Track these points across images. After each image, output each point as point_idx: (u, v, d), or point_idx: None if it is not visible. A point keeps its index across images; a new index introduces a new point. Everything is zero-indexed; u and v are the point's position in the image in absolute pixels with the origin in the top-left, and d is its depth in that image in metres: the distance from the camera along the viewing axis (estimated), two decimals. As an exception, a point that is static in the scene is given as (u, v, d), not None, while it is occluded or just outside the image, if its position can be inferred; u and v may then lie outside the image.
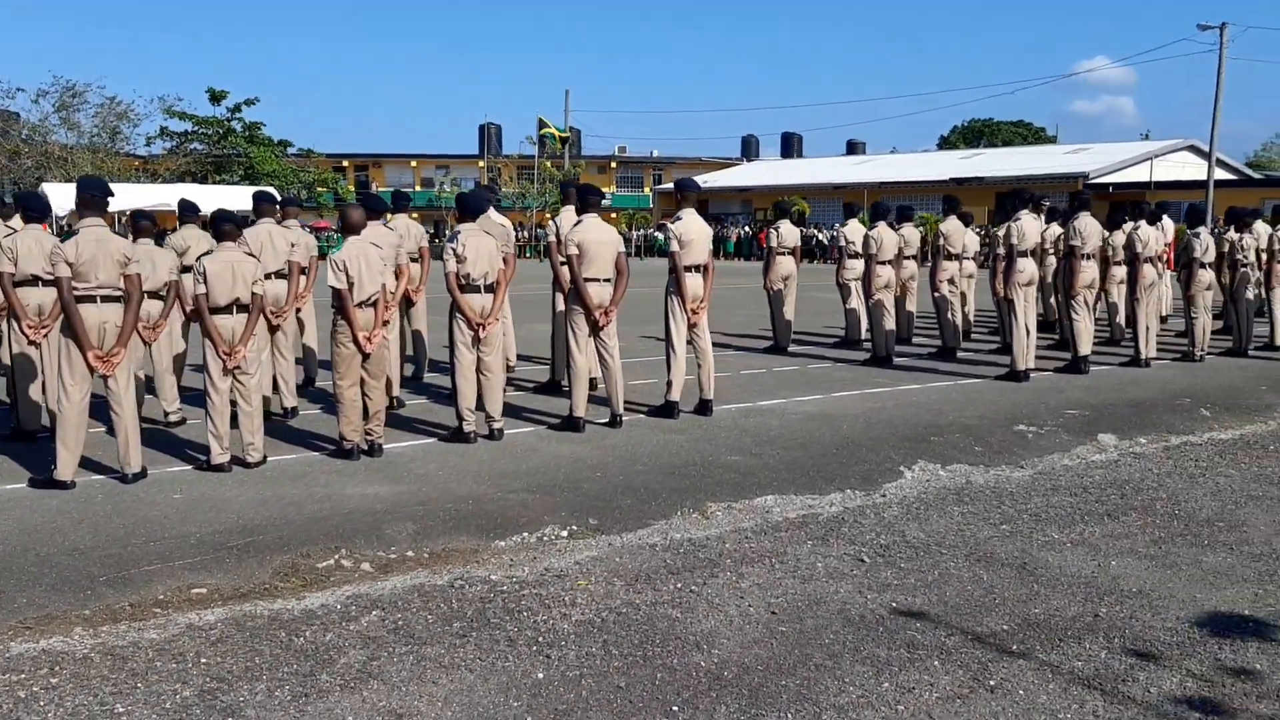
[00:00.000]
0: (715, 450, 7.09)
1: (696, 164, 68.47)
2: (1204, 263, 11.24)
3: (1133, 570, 5.14)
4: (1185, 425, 8.47)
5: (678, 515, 5.89)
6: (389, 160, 67.82)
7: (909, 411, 8.49)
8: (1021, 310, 9.91)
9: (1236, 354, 11.91)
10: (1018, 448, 7.58)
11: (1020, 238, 9.87)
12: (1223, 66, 35.38)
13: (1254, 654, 4.15)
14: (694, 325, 7.97)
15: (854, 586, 4.87)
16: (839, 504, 6.23)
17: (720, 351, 12.43)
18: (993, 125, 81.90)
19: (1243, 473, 7.09)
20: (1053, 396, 9.21)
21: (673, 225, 7.82)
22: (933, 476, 6.87)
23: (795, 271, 12.14)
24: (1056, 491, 6.60)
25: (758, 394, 9.24)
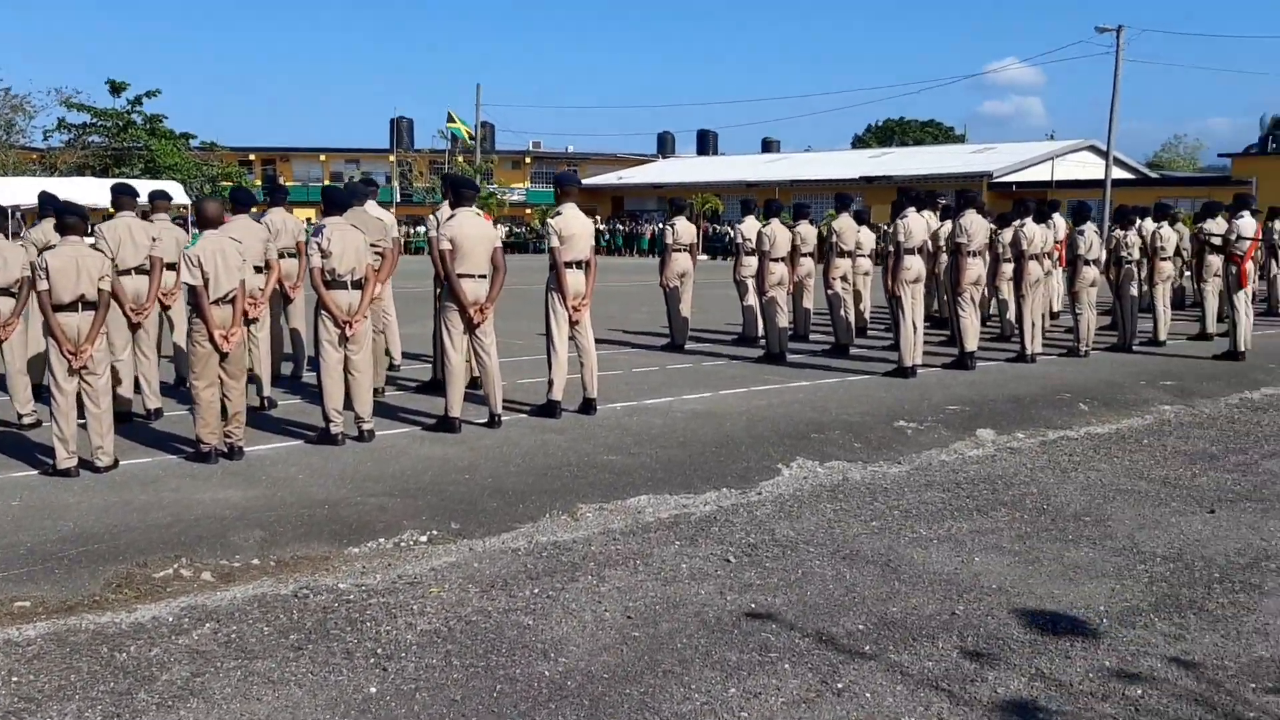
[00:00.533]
0: (593, 450, 6.95)
1: (612, 160, 68.35)
2: (1089, 259, 11.43)
3: (995, 567, 5.12)
4: (1064, 420, 8.57)
5: (546, 518, 5.74)
6: (297, 154, 66.44)
7: (794, 409, 8.45)
8: (909, 307, 9.95)
9: (1121, 349, 12.14)
10: (897, 444, 7.58)
11: (907, 235, 9.91)
12: (1119, 68, 36.33)
13: (1104, 652, 4.15)
14: (576, 323, 7.82)
15: (716, 588, 4.77)
16: (713, 503, 6.13)
17: (617, 349, 12.34)
18: (904, 124, 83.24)
19: (1114, 467, 7.17)
20: (937, 392, 9.26)
21: (553, 220, 7.66)
22: (810, 474, 6.82)
23: (692, 269, 12.07)
24: (930, 487, 6.59)
25: (646, 392, 9.13)
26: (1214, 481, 6.81)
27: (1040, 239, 11.24)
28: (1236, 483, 6.79)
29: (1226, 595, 4.77)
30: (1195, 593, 4.80)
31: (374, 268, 7.94)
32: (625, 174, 62.85)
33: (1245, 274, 11.32)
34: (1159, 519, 5.96)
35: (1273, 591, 4.81)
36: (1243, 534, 5.69)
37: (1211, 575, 5.03)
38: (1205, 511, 6.12)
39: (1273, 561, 5.24)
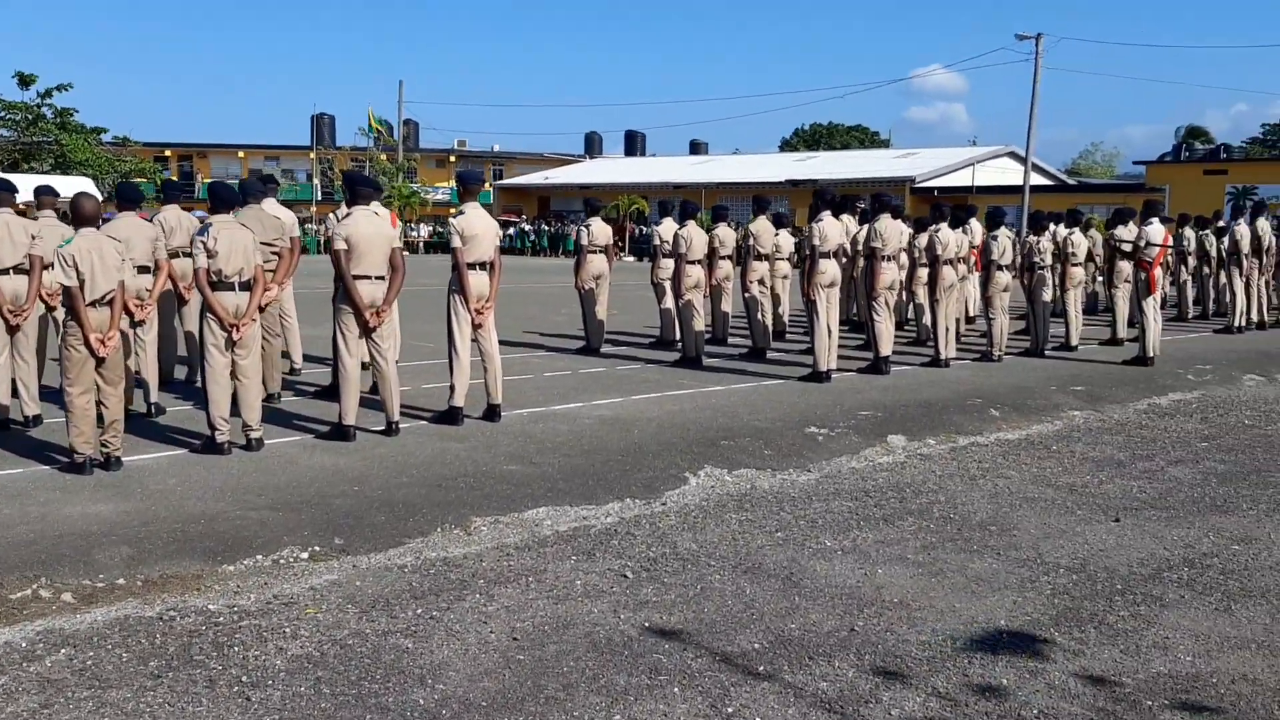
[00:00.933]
0: (493, 459, 6.72)
1: (538, 160, 67.92)
2: (1002, 265, 11.48)
3: (899, 579, 5.01)
4: (974, 426, 8.55)
5: (437, 532, 5.50)
6: (214, 150, 64.94)
7: (705, 414, 8.31)
8: (823, 311, 9.88)
9: (1034, 354, 12.22)
10: (808, 451, 7.47)
11: (822, 239, 9.84)
12: (1038, 75, 37.00)
13: (1002, 669, 4.04)
14: (479, 326, 7.57)
15: (610, 605, 4.58)
16: (615, 514, 5.95)
17: (531, 352, 12.11)
18: (832, 129, 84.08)
19: (1022, 474, 7.14)
20: (850, 398, 9.19)
21: (455, 220, 7.42)
22: (717, 482, 6.67)
23: (607, 270, 11.89)
24: (838, 496, 6.48)
25: (555, 397, 8.92)
26: (1120, 489, 6.81)
27: (955, 244, 11.26)
28: (1142, 490, 6.79)
29: (1128, 608, 4.71)
30: (1097, 605, 4.73)
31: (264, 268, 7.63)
32: (551, 174, 62.46)
33: (1154, 280, 11.46)
34: (1064, 528, 5.91)
35: (1173, 604, 4.76)
36: (1146, 543, 5.66)
37: (1114, 587, 4.97)
38: (1110, 520, 6.09)
39: (1175, 572, 5.20)
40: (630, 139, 75.67)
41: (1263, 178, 38.62)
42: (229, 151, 64.89)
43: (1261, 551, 5.55)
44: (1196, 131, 70.59)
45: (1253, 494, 6.72)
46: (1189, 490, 6.79)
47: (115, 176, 49.33)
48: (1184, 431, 8.69)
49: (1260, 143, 69.86)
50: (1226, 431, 8.75)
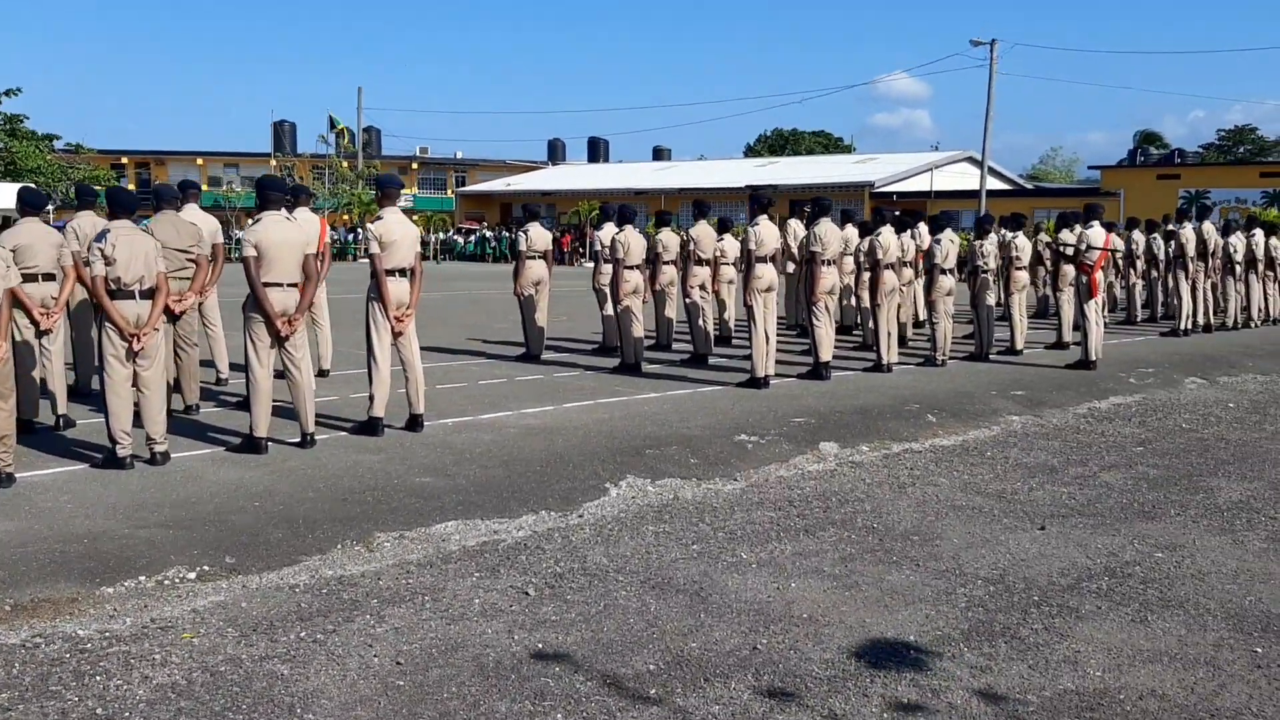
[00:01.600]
0: (406, 471, 6.51)
1: (501, 166, 67.60)
2: (945, 268, 11.40)
3: (811, 592, 4.86)
4: (910, 432, 8.43)
5: (337, 549, 5.29)
6: (173, 157, 64.10)
7: (636, 422, 8.13)
8: (760, 317, 9.74)
9: (978, 359, 12.15)
10: (736, 459, 7.31)
11: (758, 243, 9.70)
12: (993, 81, 37.18)
13: (905, 687, 3.89)
14: (399, 334, 7.36)
15: (505, 626, 4.39)
16: (528, 528, 5.76)
17: (469, 360, 11.89)
18: (795, 135, 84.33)
19: (952, 481, 7.02)
20: (786, 404, 9.04)
21: (372, 226, 7.20)
22: (639, 493, 6.50)
23: (547, 276, 11.69)
24: (761, 506, 6.33)
25: (485, 406, 8.71)
26: (1050, 495, 6.70)
27: (896, 248, 11.16)
28: (1071, 496, 6.68)
29: (1042, 620, 4.58)
30: (1011, 618, 4.60)
31: (179, 275, 7.40)
32: (513, 180, 62.14)
33: (1095, 283, 11.41)
34: (988, 537, 5.79)
35: (1089, 615, 4.64)
36: (1069, 552, 5.54)
37: (1030, 598, 4.84)
38: (1036, 528, 5.97)
39: (1094, 581, 5.08)
40: (593, 146, 75.47)
41: (1215, 182, 39.00)
42: (187, 158, 64.10)
43: (1185, 559, 5.45)
44: (1151, 137, 71.36)
45: (1182, 499, 6.63)
46: (1119, 496, 6.70)
47: (67, 184, 48.65)
48: (1121, 436, 8.62)
49: (1216, 148, 70.82)
50: (1163, 435, 8.69)
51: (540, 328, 11.62)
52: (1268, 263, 17.52)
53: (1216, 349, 13.90)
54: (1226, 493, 6.82)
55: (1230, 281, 16.60)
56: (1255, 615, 4.65)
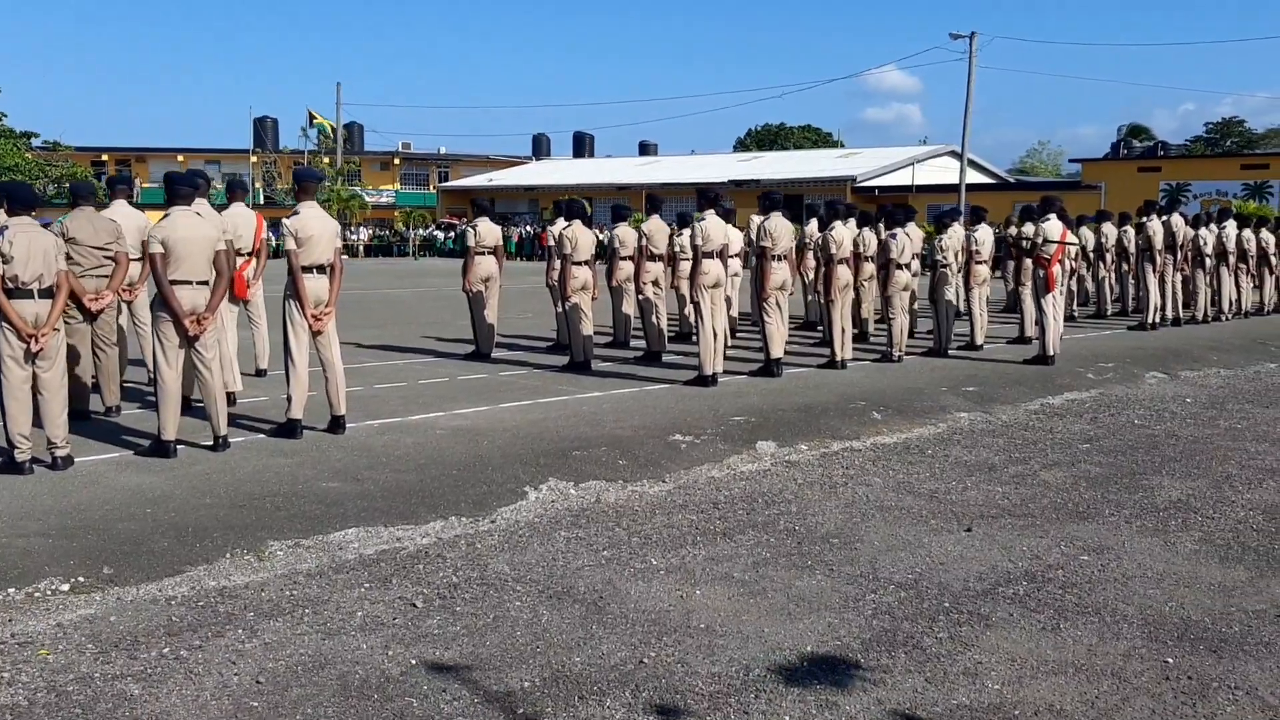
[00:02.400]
0: (316, 476, 6.30)
1: (484, 162, 67.29)
2: (901, 263, 11.21)
3: (715, 600, 4.67)
4: (853, 430, 8.24)
5: (226, 558, 5.08)
6: (153, 154, 63.68)
7: (570, 423, 7.92)
8: (708, 313, 9.54)
9: (937, 354, 11.97)
10: (667, 460, 7.12)
11: (704, 239, 9.50)
12: (972, 74, 37.04)
13: (790, 703, 3.70)
14: (318, 333, 7.14)
15: (383, 640, 4.19)
16: (433, 535, 5.56)
17: (417, 358, 11.67)
18: (784, 130, 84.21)
19: (887, 481, 6.83)
20: (730, 402, 8.85)
21: (288, 221, 6.98)
22: (559, 496, 6.30)
23: (497, 272, 11.48)
24: (685, 509, 6.13)
25: (418, 407, 8.49)
26: (984, 495, 6.52)
27: (850, 242, 10.97)
28: (1006, 496, 6.51)
29: (949, 628, 4.40)
30: (917, 626, 4.41)
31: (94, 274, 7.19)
32: (496, 176, 61.87)
33: (1053, 277, 11.24)
34: (911, 539, 5.60)
35: (999, 623, 4.45)
36: (991, 555, 5.37)
37: (941, 605, 4.66)
38: (962, 530, 5.79)
39: (1012, 586, 4.90)
40: (578, 140, 75.16)
41: (1196, 174, 38.93)
42: (168, 155, 63.64)
43: (1110, 562, 5.27)
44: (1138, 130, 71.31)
45: (1119, 498, 6.46)
46: (1055, 495, 6.52)
47: (46, 182, 48.30)
48: (1069, 433, 8.45)
49: (1203, 140, 70.80)
50: (1113, 432, 8.52)
51: (490, 325, 11.41)
52: (1239, 255, 17.38)
53: (1183, 343, 13.74)
54: (1167, 491, 6.65)
55: (1200, 274, 16.46)
56: (1173, 623, 4.47)
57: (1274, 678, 3.95)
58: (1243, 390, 10.76)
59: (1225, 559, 5.34)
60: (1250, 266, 17.75)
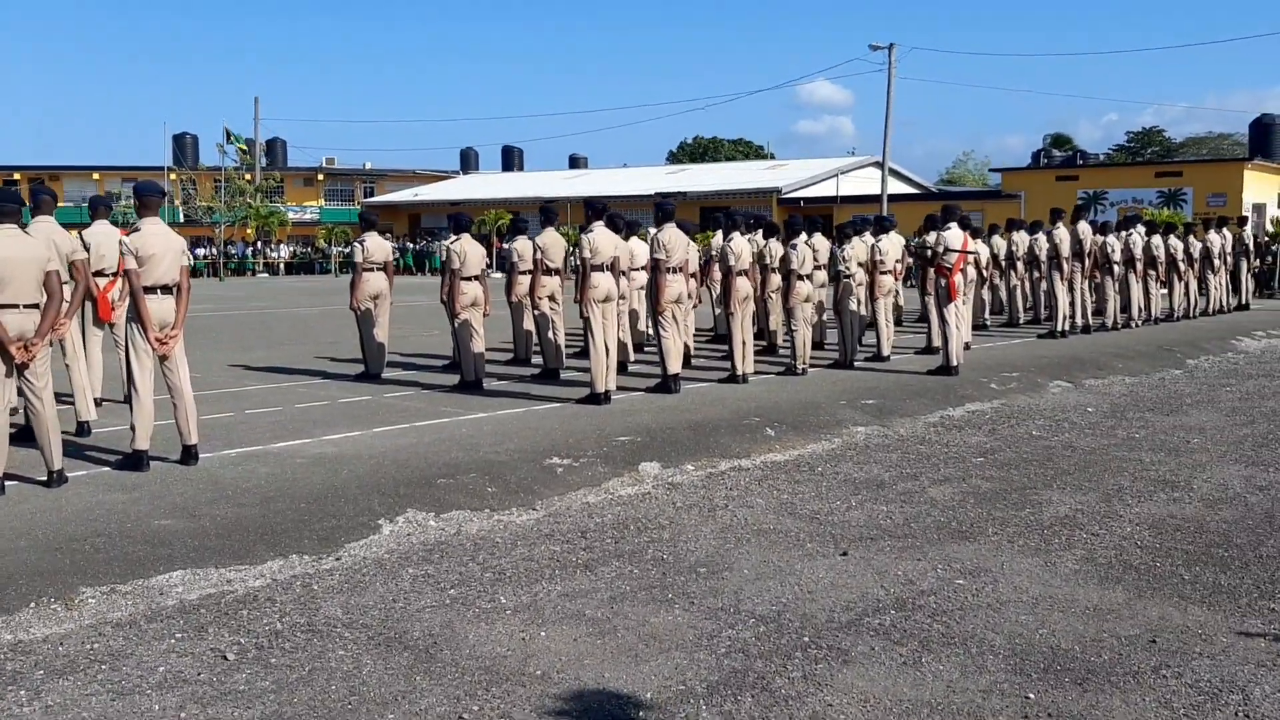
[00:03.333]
0: (150, 513, 5.84)
1: (411, 177, 66.52)
2: (802, 274, 10.99)
3: (560, 643, 4.33)
4: (743, 448, 7.96)
5: (30, 608, 4.63)
6: (68, 172, 62.03)
7: (443, 447, 7.53)
8: (599, 328, 9.22)
9: (842, 366, 11.78)
10: (540, 486, 6.77)
11: (593, 251, 9.19)
12: (892, 85, 37.30)
13: (614, 760, 3.37)
14: (164, 359, 6.69)
15: (179, 700, 3.79)
16: (268, 576, 5.15)
17: (303, 380, 11.18)
18: (716, 142, 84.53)
19: (769, 502, 6.56)
20: (619, 421, 8.53)
21: (128, 239, 6.53)
22: (416, 529, 5.92)
23: (387, 289, 11.06)
24: (550, 539, 5.79)
25: (286, 433, 8.04)
26: (867, 515, 6.27)
27: (749, 254, 10.73)
28: (890, 515, 6.26)
29: (805, 666, 4.10)
30: (770, 665, 4.11)
31: None
32: (422, 191, 61.20)
33: (954, 286, 11.10)
34: (782, 566, 5.32)
35: (858, 658, 4.17)
36: (864, 581, 5.09)
37: (801, 640, 4.37)
38: (838, 554, 5.52)
39: (879, 616, 4.63)
40: (507, 154, 74.64)
41: (1113, 182, 39.58)
42: (83, 173, 62.07)
43: (986, 586, 5.03)
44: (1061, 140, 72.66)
45: (1005, 516, 6.24)
46: (940, 514, 6.29)
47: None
48: (965, 446, 8.26)
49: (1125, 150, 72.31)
50: (1010, 444, 8.35)
51: (380, 344, 10.99)
52: (1149, 262, 17.50)
53: (1090, 351, 13.72)
54: (1055, 507, 6.46)
55: (1109, 281, 16.51)
56: (1041, 652, 4.22)
57: (1138, 712, 3.71)
58: (1145, 398, 10.70)
59: (1105, 579, 5.13)
60: (1160, 273, 17.90)
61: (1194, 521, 6.14)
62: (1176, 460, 7.77)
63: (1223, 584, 5.05)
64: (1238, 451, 8.05)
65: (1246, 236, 22.89)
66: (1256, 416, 9.53)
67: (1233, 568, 5.30)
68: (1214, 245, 19.33)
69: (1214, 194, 36.22)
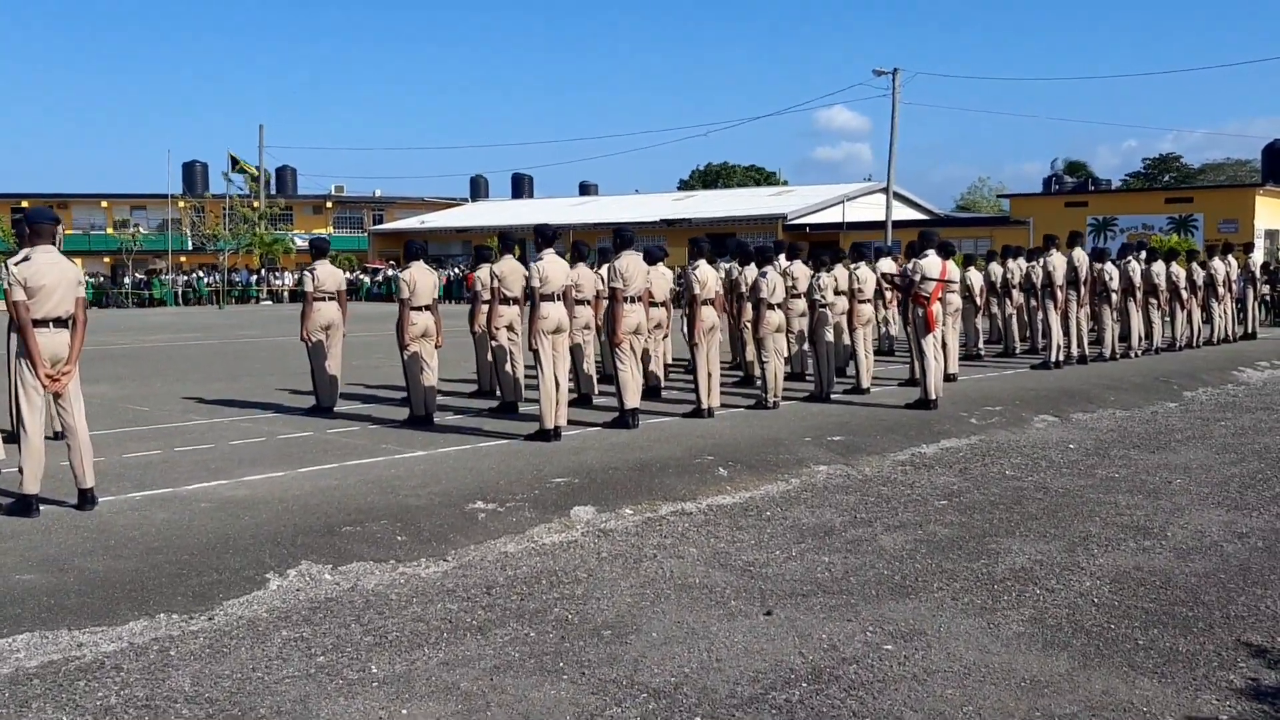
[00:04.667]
0: (16, 565, 5.37)
1: (420, 204, 66.49)
2: (773, 303, 10.52)
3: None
4: (690, 489, 7.48)
5: None
6: (77, 200, 62.25)
7: (362, 490, 7.07)
8: (548, 361, 8.77)
9: (819, 399, 11.27)
10: (457, 533, 6.29)
11: (542, 280, 8.75)
12: (896, 110, 36.94)
13: None
14: (57, 396, 6.27)
15: (-39, 795, 3.32)
16: (126, 639, 4.68)
17: (251, 414, 10.74)
18: (728, 169, 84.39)
19: (703, 551, 6.07)
20: (563, 460, 8.05)
21: (15, 268, 6.11)
22: (308, 584, 5.44)
23: (339, 319, 10.65)
24: (450, 595, 5.31)
25: (206, 473, 7.59)
26: (806, 566, 5.77)
27: (714, 282, 10.27)
28: (831, 566, 5.76)
29: (687, 754, 3.60)
30: (648, 753, 3.61)
31: None
32: (428, 218, 61.12)
33: (932, 316, 10.60)
34: (698, 627, 4.82)
35: (749, 743, 3.67)
36: (782, 646, 4.60)
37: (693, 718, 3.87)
38: (762, 613, 5.02)
39: (787, 690, 4.12)
40: (517, 182, 74.66)
41: (1122, 208, 39.03)
42: (92, 201, 62.29)
43: (916, 652, 4.52)
44: (1076, 166, 72.18)
45: (955, 568, 5.74)
46: (885, 565, 5.78)
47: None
48: (931, 487, 7.75)
49: (1141, 176, 71.66)
50: (980, 485, 7.84)
51: (332, 376, 10.55)
52: (1149, 289, 16.96)
53: (1082, 382, 13.18)
54: (1013, 557, 5.95)
55: (1107, 310, 15.96)
56: (958, 737, 3.72)
57: (1056, 817, 3.20)
58: (1133, 433, 10.16)
59: (1051, 644, 4.62)
60: (1161, 301, 17.34)
61: (1161, 575, 5.62)
62: (1154, 503, 7.24)
63: (1181, 650, 4.53)
64: (1221, 493, 7.52)
65: (1254, 263, 22.32)
66: (1248, 454, 8.98)
67: (1195, 629, 4.78)
68: (1218, 272, 18.73)
69: (1225, 220, 35.61)
